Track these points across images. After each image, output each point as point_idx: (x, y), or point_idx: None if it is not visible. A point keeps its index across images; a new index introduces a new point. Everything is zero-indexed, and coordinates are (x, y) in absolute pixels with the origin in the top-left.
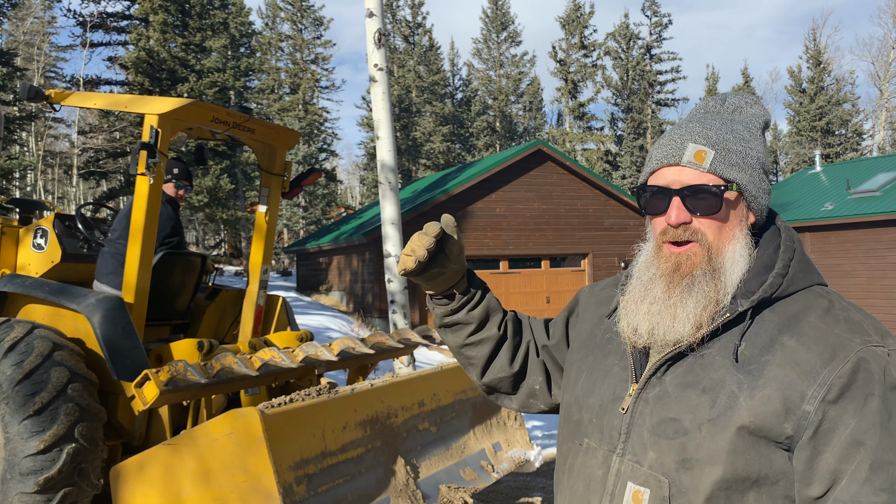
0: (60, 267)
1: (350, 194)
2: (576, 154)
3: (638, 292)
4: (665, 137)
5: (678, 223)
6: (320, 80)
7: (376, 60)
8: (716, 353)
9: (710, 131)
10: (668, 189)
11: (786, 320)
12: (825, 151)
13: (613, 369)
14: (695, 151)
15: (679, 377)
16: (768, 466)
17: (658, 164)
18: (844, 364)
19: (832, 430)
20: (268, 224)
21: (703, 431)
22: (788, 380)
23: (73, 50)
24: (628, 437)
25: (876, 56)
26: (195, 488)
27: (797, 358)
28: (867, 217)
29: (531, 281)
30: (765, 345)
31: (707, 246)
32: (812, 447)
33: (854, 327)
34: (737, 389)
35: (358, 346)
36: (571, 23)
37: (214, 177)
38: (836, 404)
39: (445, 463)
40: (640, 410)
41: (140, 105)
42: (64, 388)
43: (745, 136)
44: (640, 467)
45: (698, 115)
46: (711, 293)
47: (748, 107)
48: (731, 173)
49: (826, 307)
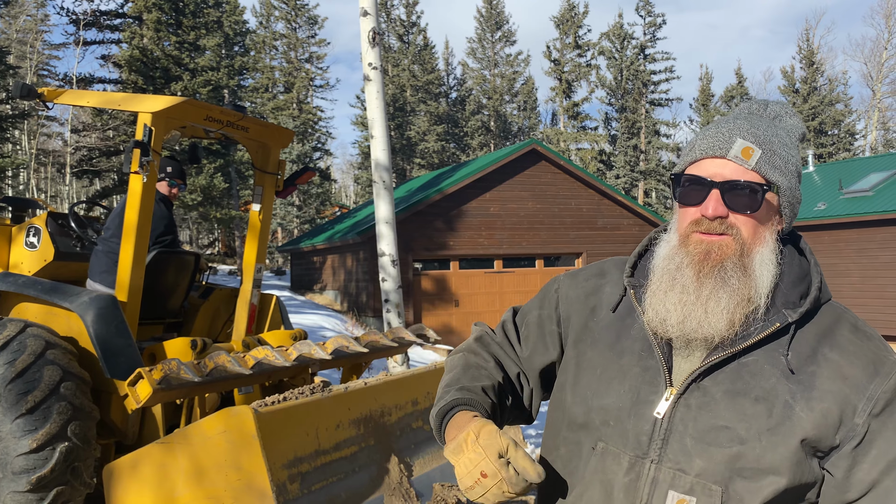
0: (53, 265)
1: (344, 193)
2: (570, 154)
3: (665, 282)
4: (711, 129)
5: (715, 216)
6: (314, 79)
7: (370, 59)
8: (763, 361)
9: (759, 130)
10: (709, 181)
11: (821, 332)
12: (818, 151)
13: (633, 370)
14: (742, 147)
15: (725, 384)
16: (810, 475)
17: (702, 155)
18: (888, 380)
19: (872, 442)
20: (261, 223)
21: (763, 441)
22: (843, 394)
23: (66, 48)
24: (666, 444)
25: (868, 56)
26: (188, 487)
27: (844, 372)
28: (859, 217)
29: (525, 280)
30: (808, 355)
31: (741, 242)
32: (853, 457)
33: (882, 345)
34: (791, 400)
35: (352, 345)
36: (566, 22)
37: (208, 175)
38: (878, 418)
39: (439, 461)
40: (681, 416)
41: (133, 103)
42: (57, 386)
43: (788, 142)
44: (686, 475)
45: (744, 114)
46: (744, 290)
47: (788, 117)
48: (775, 175)
49: (854, 322)
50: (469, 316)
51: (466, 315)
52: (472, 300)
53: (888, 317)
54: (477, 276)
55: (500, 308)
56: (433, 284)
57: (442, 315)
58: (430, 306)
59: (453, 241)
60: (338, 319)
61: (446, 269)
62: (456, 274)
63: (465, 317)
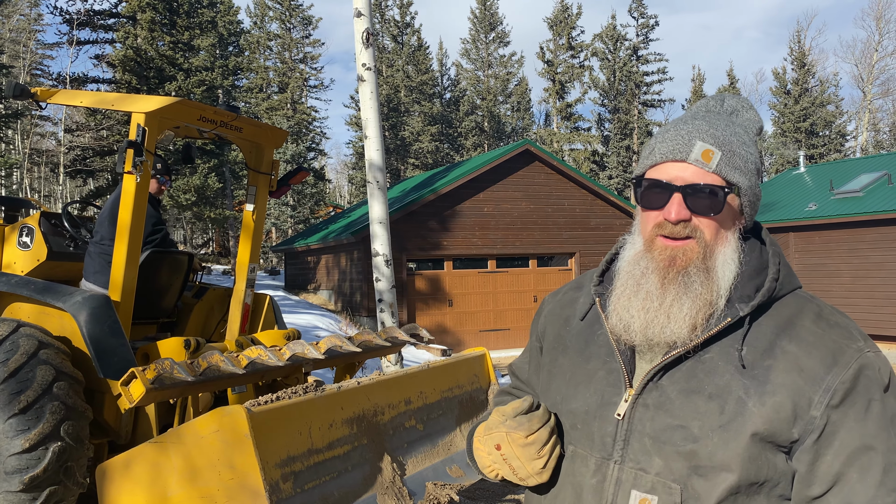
0: (46, 265)
1: (339, 193)
2: (563, 154)
3: (630, 287)
4: (670, 132)
5: (678, 220)
6: (309, 80)
7: (364, 60)
8: (717, 357)
9: (718, 131)
10: (671, 185)
11: (781, 324)
12: (809, 152)
13: (598, 374)
14: (702, 150)
15: (680, 382)
16: (773, 470)
17: (662, 158)
18: (846, 370)
19: (834, 434)
20: (255, 223)
21: (715, 438)
22: (797, 386)
23: (59, 48)
24: (627, 444)
25: (859, 58)
26: (182, 486)
27: (801, 364)
28: (850, 217)
29: (519, 280)
30: (765, 349)
31: (704, 244)
32: (815, 450)
33: (845, 333)
34: (744, 395)
35: (345, 345)
36: (559, 24)
37: (202, 175)
38: (838, 409)
39: (432, 460)
40: (640, 416)
41: (127, 103)
42: (49, 386)
43: (746, 140)
44: (646, 474)
45: (701, 113)
46: (706, 294)
47: (744, 111)
48: (735, 176)
49: (817, 312)
50: (463, 316)
51: (460, 315)
52: (465, 300)
53: (878, 317)
54: (471, 276)
55: (493, 308)
56: (427, 284)
57: (436, 315)
58: (424, 306)
59: (447, 241)
60: (332, 319)
61: (440, 269)
62: (450, 274)
63: (458, 316)
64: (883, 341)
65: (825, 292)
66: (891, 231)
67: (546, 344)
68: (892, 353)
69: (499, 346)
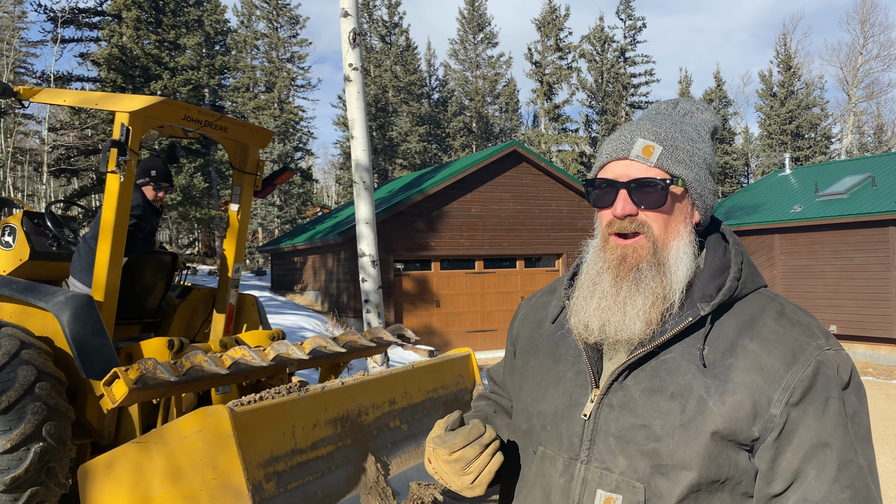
0: (29, 265)
1: (326, 193)
2: (551, 155)
3: (587, 287)
4: (616, 133)
5: (624, 214)
6: (296, 79)
7: (351, 60)
8: (679, 357)
9: (660, 128)
10: (616, 182)
11: (743, 323)
12: (795, 154)
13: (567, 375)
14: (643, 146)
15: (644, 382)
16: (735, 468)
17: (607, 159)
18: (806, 368)
19: (793, 431)
20: (240, 223)
21: (676, 437)
22: (756, 384)
23: (43, 45)
24: (593, 444)
25: (844, 61)
26: (164, 486)
27: (761, 362)
28: (834, 219)
29: (506, 281)
30: (726, 348)
31: (653, 239)
32: (775, 448)
33: (807, 331)
34: (705, 394)
35: (329, 345)
36: (547, 25)
37: (188, 175)
38: (797, 407)
39: (416, 460)
40: (605, 416)
41: (111, 102)
42: (31, 386)
43: (694, 136)
44: (611, 474)
45: (650, 115)
46: (658, 289)
47: (699, 112)
48: (678, 169)
49: (779, 310)
50: (450, 316)
51: (448, 315)
52: (453, 301)
53: (862, 318)
54: (458, 277)
55: (480, 309)
56: (414, 285)
57: (423, 315)
58: (412, 307)
59: (434, 242)
60: (318, 320)
61: (427, 270)
62: (437, 274)
63: (446, 317)
64: (866, 342)
65: (810, 293)
66: (874, 233)
67: (519, 347)
68: (877, 353)
69: (486, 346)
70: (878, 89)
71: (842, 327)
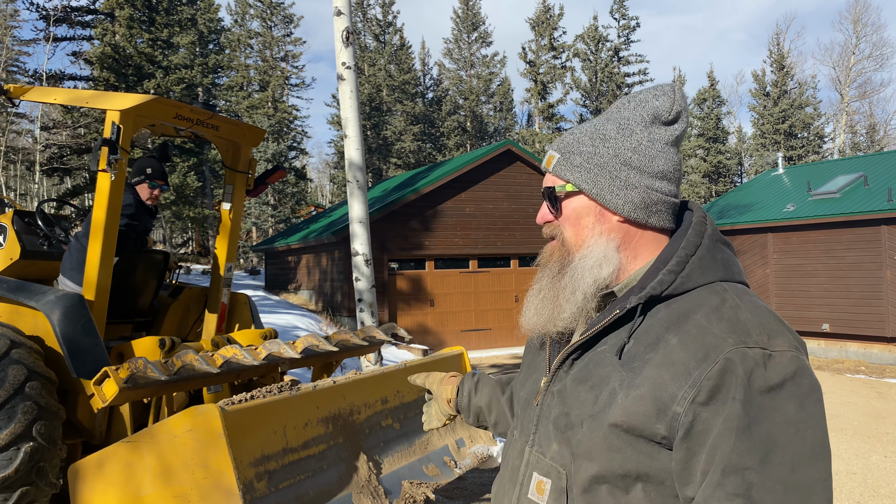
0: (20, 264)
1: (320, 193)
2: (545, 155)
3: (533, 287)
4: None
5: (541, 222)
6: (290, 78)
7: (344, 59)
8: (607, 349)
9: (569, 136)
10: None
11: (675, 318)
12: (788, 154)
13: (540, 365)
14: (548, 158)
15: (575, 372)
16: (648, 465)
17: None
18: (714, 365)
19: (706, 432)
20: (232, 221)
21: (584, 427)
22: (661, 380)
23: (36, 44)
24: (537, 429)
25: (837, 61)
26: (155, 486)
27: (673, 358)
28: (827, 218)
29: (500, 280)
30: (651, 343)
31: (562, 241)
32: (686, 448)
33: (735, 327)
34: (618, 387)
35: (322, 344)
36: (541, 24)
37: (181, 174)
38: (708, 406)
39: (408, 459)
40: (548, 403)
41: (102, 101)
42: (22, 386)
43: (611, 134)
44: (544, 458)
45: (592, 120)
46: (569, 285)
47: (653, 99)
48: (569, 174)
49: (716, 305)
50: (444, 316)
51: (442, 315)
52: (447, 300)
53: (854, 316)
54: (452, 276)
55: (475, 308)
56: (408, 284)
57: (417, 315)
58: (406, 306)
59: (429, 241)
60: (312, 319)
61: (422, 269)
62: (431, 274)
63: (440, 316)
64: (859, 341)
65: (803, 292)
66: (866, 232)
67: (529, 343)
68: (869, 352)
69: (480, 346)
70: (870, 89)
71: (834, 326)
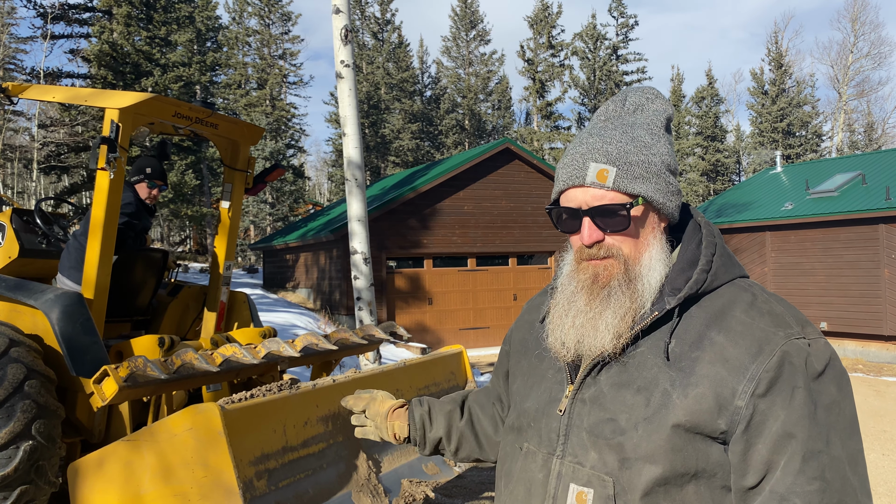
0: (18, 262)
1: (318, 191)
2: (543, 153)
3: (563, 306)
4: (568, 156)
5: (591, 242)
6: (288, 76)
7: (343, 57)
8: (647, 351)
9: (610, 146)
10: (578, 210)
11: (712, 315)
12: (786, 152)
13: (548, 373)
14: (597, 171)
15: (614, 377)
16: (705, 461)
17: (565, 186)
18: (771, 358)
19: (763, 423)
20: (231, 220)
21: (640, 430)
22: (720, 377)
23: (33, 42)
24: (567, 439)
25: (835, 59)
26: (155, 484)
27: (726, 354)
28: (825, 217)
29: (498, 278)
30: (693, 341)
31: (623, 259)
32: (745, 440)
33: (777, 320)
34: (669, 387)
35: (321, 343)
36: (539, 22)
37: (179, 172)
38: (765, 398)
39: (408, 457)
40: (578, 412)
41: (100, 99)
42: (21, 384)
43: (647, 140)
44: (583, 468)
45: (598, 126)
46: (627, 303)
47: (649, 103)
48: (636, 187)
49: (750, 301)
50: (443, 314)
51: (440, 313)
52: (445, 298)
53: (852, 314)
54: (451, 275)
55: (473, 306)
56: (407, 282)
57: (415, 313)
58: (404, 304)
59: (427, 240)
60: (310, 318)
61: (420, 268)
62: (430, 272)
63: (438, 315)
64: (857, 339)
65: (800, 291)
66: (864, 230)
67: (513, 348)
68: (867, 350)
69: (478, 344)
70: (868, 87)
71: (832, 324)
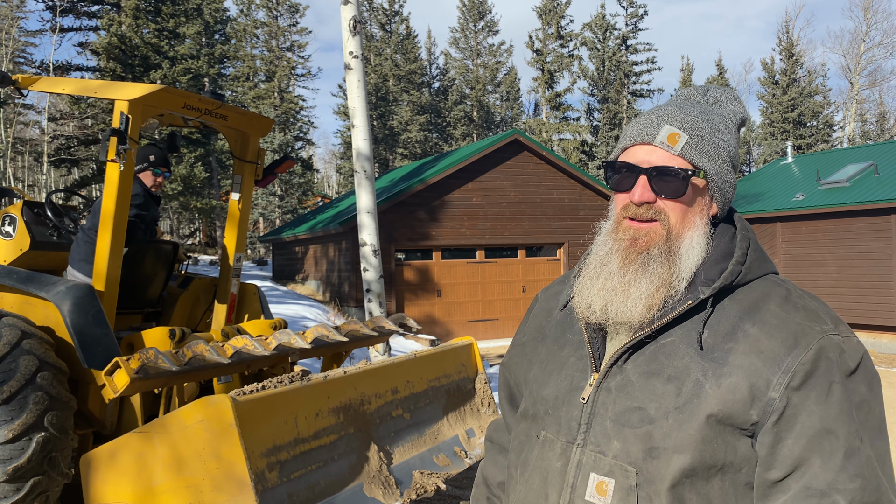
0: (29, 255)
1: (327, 183)
2: (552, 144)
3: (594, 267)
4: (642, 117)
5: (641, 202)
6: (296, 68)
7: (351, 48)
8: (678, 340)
9: (688, 116)
10: (637, 167)
11: (746, 308)
12: (797, 143)
13: (570, 360)
14: (669, 133)
15: (642, 365)
16: (733, 454)
17: (631, 142)
18: (807, 352)
19: (795, 417)
20: (241, 212)
21: (671, 420)
22: (754, 367)
23: (42, 35)
24: (589, 428)
25: (847, 49)
26: (167, 476)
27: (761, 346)
28: (836, 207)
29: (507, 270)
30: (727, 332)
31: (668, 227)
32: (775, 433)
33: (812, 315)
34: (702, 377)
35: (332, 334)
36: (548, 13)
37: (188, 165)
38: (799, 391)
39: (419, 449)
40: (602, 400)
41: (110, 91)
42: (33, 376)
43: (721, 127)
44: (604, 457)
45: (679, 101)
46: (665, 275)
47: (728, 102)
48: (701, 160)
49: (784, 295)
50: (451, 306)
51: (449, 305)
52: (454, 290)
53: (863, 306)
54: (459, 266)
55: (482, 298)
56: (416, 274)
57: (424, 305)
58: (413, 296)
59: (436, 232)
60: (320, 310)
61: (429, 259)
62: (438, 264)
63: (447, 307)
64: (868, 330)
65: (812, 282)
66: (876, 221)
67: (528, 336)
68: (879, 341)
69: (487, 336)
70: (880, 77)
71: (844, 316)
